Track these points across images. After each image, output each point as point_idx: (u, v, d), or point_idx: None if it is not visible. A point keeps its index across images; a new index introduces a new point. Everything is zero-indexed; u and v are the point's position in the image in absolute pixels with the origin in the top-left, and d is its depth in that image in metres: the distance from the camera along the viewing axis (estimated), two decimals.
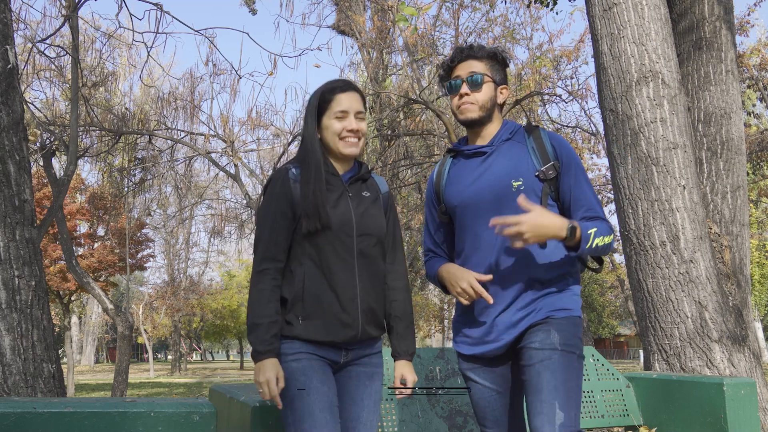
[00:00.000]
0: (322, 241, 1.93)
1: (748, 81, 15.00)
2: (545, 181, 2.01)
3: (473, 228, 2.05)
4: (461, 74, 2.08)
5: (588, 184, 2.05)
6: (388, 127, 11.42)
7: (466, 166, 2.12)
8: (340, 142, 1.99)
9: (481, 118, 2.07)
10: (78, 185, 18.27)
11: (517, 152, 2.05)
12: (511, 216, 1.85)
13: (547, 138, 2.07)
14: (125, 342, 8.88)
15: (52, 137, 8.35)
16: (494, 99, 2.10)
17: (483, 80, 2.06)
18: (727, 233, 4.59)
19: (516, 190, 1.98)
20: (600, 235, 1.93)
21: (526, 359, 1.93)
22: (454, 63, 2.11)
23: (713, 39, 4.86)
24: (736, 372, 3.80)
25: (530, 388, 1.89)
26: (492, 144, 2.08)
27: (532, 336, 1.95)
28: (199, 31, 6.74)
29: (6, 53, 3.75)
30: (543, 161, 2.02)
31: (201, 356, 64.88)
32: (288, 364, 1.91)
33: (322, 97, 2.02)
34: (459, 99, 2.08)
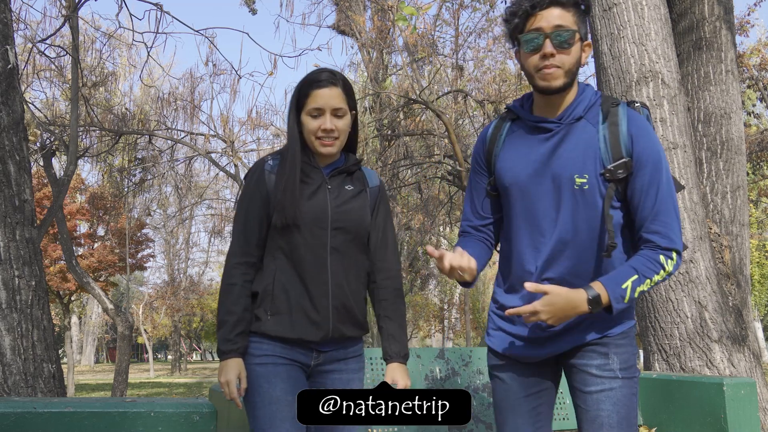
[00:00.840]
0: (295, 234, 1.86)
1: (748, 81, 14.99)
2: (612, 182, 1.66)
3: (526, 218, 1.74)
4: (544, 26, 1.63)
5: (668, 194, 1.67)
6: (388, 127, 11.42)
7: (527, 140, 1.75)
8: (316, 141, 1.90)
9: (564, 86, 1.67)
10: (78, 185, 18.27)
11: (588, 139, 1.68)
12: (525, 306, 1.62)
13: (626, 124, 1.67)
14: (125, 342, 8.88)
15: (52, 137, 8.35)
16: (580, 60, 1.70)
17: (573, 38, 1.65)
18: (727, 233, 4.59)
19: (579, 188, 1.66)
20: (644, 280, 1.61)
21: (582, 384, 1.72)
22: (534, 10, 1.65)
23: (713, 39, 4.86)
24: (736, 372, 3.80)
25: (588, 419, 1.71)
26: (561, 120, 1.71)
27: (587, 357, 1.72)
28: (199, 31, 6.74)
29: (6, 53, 3.75)
30: (614, 156, 1.65)
31: (201, 356, 64.86)
32: (253, 368, 1.84)
33: (301, 92, 1.92)
34: (541, 60, 1.65)
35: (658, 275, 1.63)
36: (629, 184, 1.68)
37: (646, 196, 1.65)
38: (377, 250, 2.00)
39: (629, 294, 1.61)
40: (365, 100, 11.40)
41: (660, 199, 1.65)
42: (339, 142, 1.92)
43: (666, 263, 1.64)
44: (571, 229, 1.68)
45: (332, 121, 1.88)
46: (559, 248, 1.70)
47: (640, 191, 1.66)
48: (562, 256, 1.70)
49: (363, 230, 1.96)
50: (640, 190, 1.66)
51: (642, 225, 1.67)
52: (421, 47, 11.82)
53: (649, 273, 1.63)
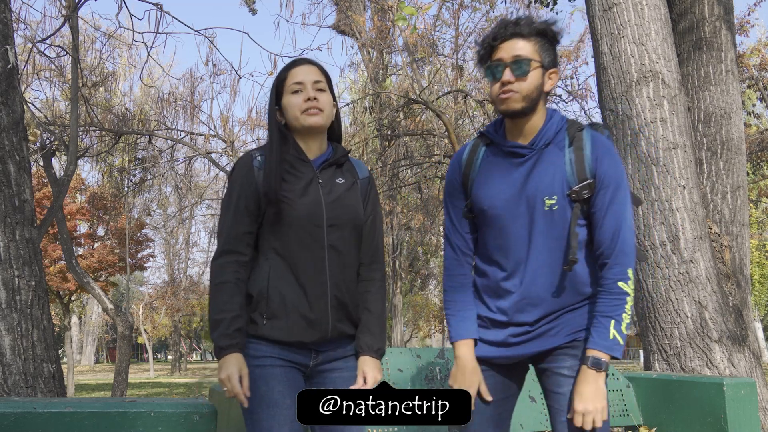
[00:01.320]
0: (289, 232, 1.80)
1: (748, 81, 14.99)
2: (578, 202, 1.79)
3: (501, 238, 1.86)
4: (504, 57, 1.77)
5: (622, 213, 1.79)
6: (388, 127, 11.42)
7: (501, 165, 1.86)
8: (302, 116, 1.84)
9: (523, 110, 1.78)
10: (78, 185, 18.28)
11: (555, 162, 1.81)
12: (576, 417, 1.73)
13: (590, 147, 1.80)
14: (125, 342, 8.88)
15: (52, 137, 8.35)
16: (541, 87, 1.80)
17: (529, 67, 1.77)
18: (727, 233, 4.59)
19: (549, 210, 1.79)
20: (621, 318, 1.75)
21: (556, 386, 1.82)
22: (496, 41, 1.79)
23: (713, 39, 4.87)
24: (736, 372, 3.81)
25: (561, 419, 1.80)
26: (533, 145, 1.82)
27: (559, 360, 1.83)
28: (199, 31, 6.74)
29: (6, 53, 3.75)
30: (579, 178, 1.78)
31: (201, 356, 64.88)
32: (251, 370, 1.78)
33: (279, 78, 1.90)
34: (500, 87, 1.78)
35: (627, 304, 1.77)
36: (592, 202, 1.80)
37: (606, 216, 1.79)
38: (366, 241, 1.94)
39: (620, 337, 1.75)
40: (365, 100, 11.40)
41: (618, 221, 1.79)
42: (325, 114, 1.86)
43: (627, 287, 1.77)
44: (544, 250, 1.81)
45: (314, 92, 1.85)
46: (534, 268, 1.82)
47: (601, 209, 1.79)
48: (538, 275, 1.83)
49: (358, 225, 1.90)
50: (601, 209, 1.79)
51: (601, 245, 1.80)
52: (421, 47, 11.82)
53: (619, 310, 1.76)
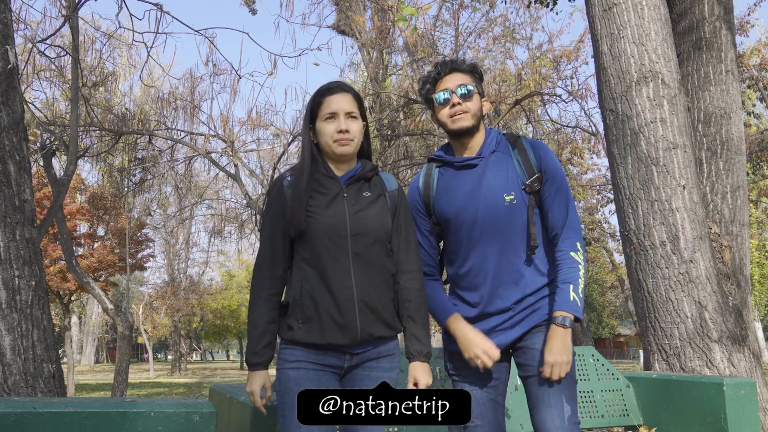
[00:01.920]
0: (316, 243, 1.95)
1: (748, 81, 14.98)
2: (531, 194, 2.11)
3: (469, 241, 2.13)
4: (450, 86, 2.14)
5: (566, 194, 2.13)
6: (388, 127, 11.42)
7: (457, 177, 2.17)
8: (333, 144, 2.00)
9: (472, 127, 2.13)
10: (78, 185, 18.27)
11: (505, 165, 2.14)
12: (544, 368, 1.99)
13: (530, 148, 2.15)
14: (125, 342, 8.88)
15: (52, 137, 8.35)
16: (481, 110, 2.17)
17: (472, 91, 2.14)
18: (727, 233, 4.59)
19: (509, 204, 2.08)
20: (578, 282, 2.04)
21: (530, 359, 2.07)
22: (440, 76, 2.16)
23: (713, 39, 4.87)
24: (736, 372, 3.81)
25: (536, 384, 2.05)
26: (481, 155, 2.15)
27: (533, 338, 2.08)
28: (199, 31, 6.74)
29: (6, 53, 3.75)
30: (528, 174, 2.11)
31: (201, 356, 64.86)
32: (286, 372, 1.95)
33: (314, 102, 2.04)
34: (451, 108, 2.13)
35: (580, 271, 2.06)
36: (542, 193, 2.13)
37: (555, 200, 2.12)
38: (400, 252, 2.07)
39: (578, 299, 2.03)
40: (365, 100, 11.39)
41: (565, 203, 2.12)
42: (354, 143, 2.02)
43: (578, 257, 2.08)
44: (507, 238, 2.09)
45: (346, 123, 2.00)
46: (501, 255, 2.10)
47: (551, 196, 2.12)
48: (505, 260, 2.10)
49: (383, 234, 2.03)
50: (550, 195, 2.12)
51: (554, 225, 2.12)
52: (421, 47, 11.82)
53: (575, 275, 2.05)
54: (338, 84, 2.05)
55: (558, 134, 14.51)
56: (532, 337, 2.09)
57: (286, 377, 1.94)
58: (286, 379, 1.94)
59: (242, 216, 16.08)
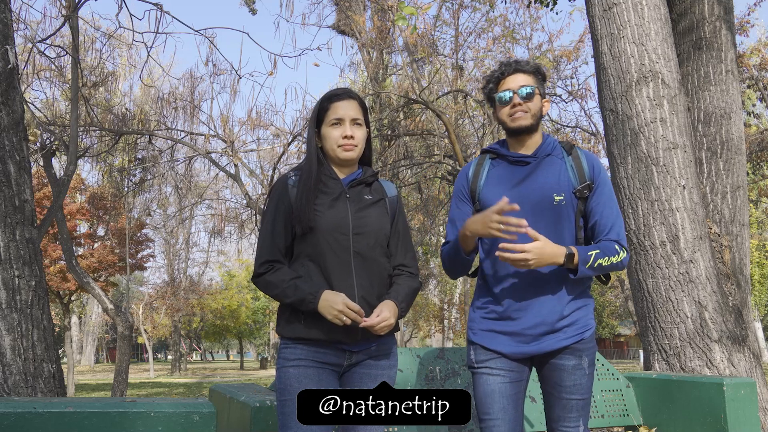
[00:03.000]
0: (319, 240, 2.00)
1: (748, 81, 14.97)
2: (580, 199, 2.16)
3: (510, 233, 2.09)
4: (512, 86, 2.18)
5: (615, 206, 2.19)
6: (388, 127, 11.41)
7: (509, 171, 2.21)
8: (338, 149, 2.06)
9: (531, 126, 2.17)
10: (78, 185, 18.27)
11: (559, 167, 2.18)
12: (518, 245, 1.98)
13: (585, 158, 2.21)
14: (125, 342, 8.88)
15: (52, 137, 8.35)
16: (541, 110, 2.22)
17: (534, 92, 2.18)
18: (727, 233, 4.59)
19: (557, 204, 2.12)
20: (604, 256, 2.08)
21: (558, 379, 2.13)
22: (504, 76, 2.21)
23: (713, 39, 4.86)
24: (736, 372, 3.80)
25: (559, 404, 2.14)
26: (536, 155, 2.19)
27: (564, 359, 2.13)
28: (199, 31, 6.73)
29: (6, 53, 3.75)
30: (580, 180, 2.17)
31: (201, 356, 64.86)
32: (286, 370, 1.97)
33: (321, 107, 2.10)
34: (512, 108, 2.17)
35: (614, 258, 2.10)
36: (589, 203, 2.18)
37: (606, 208, 2.17)
38: (397, 254, 2.14)
39: (592, 260, 2.06)
40: (365, 100, 11.39)
41: (615, 213, 2.19)
42: (358, 149, 2.08)
43: (620, 253, 2.13)
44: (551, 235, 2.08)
45: (352, 129, 2.06)
46: None
47: (601, 205, 2.17)
48: None
49: (383, 236, 2.09)
50: (601, 204, 2.17)
51: (603, 231, 2.16)
52: (421, 47, 11.82)
53: (608, 253, 2.09)
54: (345, 91, 2.11)
55: (558, 134, 14.51)
56: (563, 358, 2.12)
57: (287, 375, 1.96)
58: (286, 377, 1.96)
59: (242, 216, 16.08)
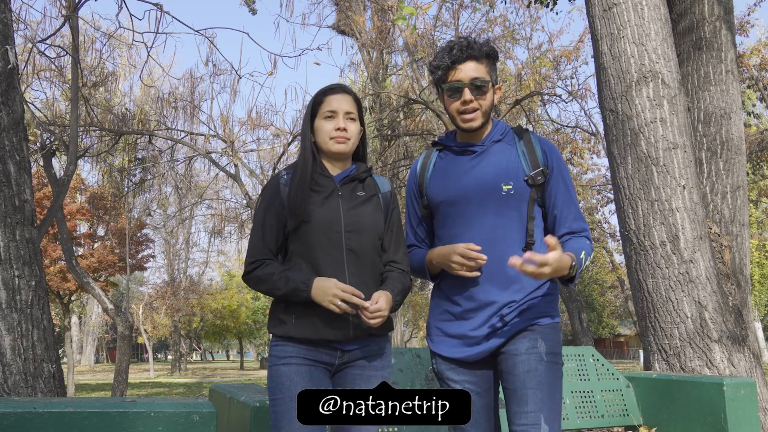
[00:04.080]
0: (311, 238, 1.98)
1: (748, 81, 14.98)
2: (533, 187, 2.00)
3: (455, 227, 2.04)
4: (462, 78, 1.99)
5: (573, 192, 2.06)
6: (388, 127, 11.41)
7: (454, 162, 2.08)
8: (330, 141, 2.04)
9: (482, 125, 2.04)
10: (78, 185, 18.27)
11: (507, 154, 2.03)
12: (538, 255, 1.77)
13: (538, 142, 2.05)
14: (125, 342, 8.88)
15: (52, 137, 8.35)
16: (493, 102, 2.06)
17: (487, 86, 2.01)
18: (727, 233, 4.59)
19: (506, 194, 1.98)
20: (588, 255, 1.97)
21: (510, 367, 1.94)
22: (454, 65, 2.01)
23: (713, 39, 4.86)
24: (736, 372, 3.80)
25: (514, 398, 1.91)
26: (483, 143, 2.06)
27: (516, 343, 1.95)
28: (199, 31, 6.73)
29: (6, 53, 3.75)
30: (532, 166, 2.01)
31: (201, 356, 64.86)
32: (278, 368, 1.95)
33: (315, 100, 2.09)
34: (462, 105, 2.01)
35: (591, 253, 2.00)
36: (548, 190, 2.03)
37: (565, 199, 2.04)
38: (390, 250, 2.10)
39: (584, 263, 1.95)
40: (365, 100, 11.39)
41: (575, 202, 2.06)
42: (351, 142, 2.06)
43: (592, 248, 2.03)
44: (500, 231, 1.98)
45: (345, 122, 2.04)
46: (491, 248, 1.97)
47: (558, 193, 2.03)
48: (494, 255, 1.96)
49: (376, 232, 2.06)
50: (557, 192, 2.03)
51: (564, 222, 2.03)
52: (421, 47, 11.82)
53: (588, 250, 1.98)
54: (339, 85, 2.11)
55: (558, 134, 14.51)
56: (516, 343, 1.95)
57: (278, 373, 1.95)
58: (278, 375, 1.95)
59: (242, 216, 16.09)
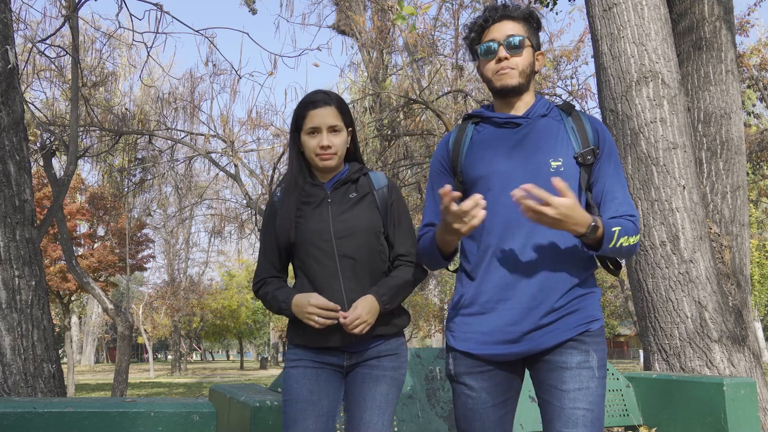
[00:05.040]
0: (304, 251, 2.03)
1: (748, 81, 14.98)
2: (583, 166, 1.80)
3: (496, 207, 1.77)
4: (497, 36, 1.83)
5: (623, 176, 1.86)
6: (388, 127, 11.41)
7: (496, 135, 1.85)
8: (316, 158, 2.04)
9: (520, 86, 1.83)
10: (78, 185, 18.27)
11: (555, 130, 1.83)
12: (545, 192, 1.58)
13: (588, 120, 1.87)
14: (125, 342, 8.88)
15: (52, 137, 8.35)
16: (533, 65, 1.86)
17: (523, 43, 1.83)
18: (727, 233, 4.59)
19: (555, 171, 1.76)
20: (625, 235, 1.71)
21: (556, 381, 1.71)
22: (488, 24, 1.85)
23: (713, 39, 4.86)
24: (736, 372, 3.80)
25: (562, 416, 1.68)
26: (528, 116, 1.84)
27: (566, 354, 1.72)
28: (199, 31, 6.73)
29: (6, 53, 3.75)
30: (583, 144, 1.81)
31: (201, 356, 64.85)
32: (287, 371, 2.03)
33: (297, 114, 2.06)
34: (497, 63, 1.83)
35: (633, 238, 1.74)
36: (596, 171, 1.83)
37: (614, 181, 1.83)
38: (396, 244, 2.09)
39: (615, 238, 1.69)
40: (365, 100, 11.40)
41: (624, 185, 1.85)
42: (337, 156, 2.05)
43: (638, 233, 1.77)
44: None
45: (328, 138, 2.02)
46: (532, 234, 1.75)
47: (606, 176, 1.83)
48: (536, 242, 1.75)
49: (372, 233, 2.04)
50: (606, 174, 1.83)
51: (610, 205, 1.80)
52: (421, 47, 11.82)
53: (629, 232, 1.73)
54: (321, 97, 2.03)
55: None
56: (565, 354, 1.71)
57: (287, 376, 2.02)
58: (287, 378, 2.01)
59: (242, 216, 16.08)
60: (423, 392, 3.08)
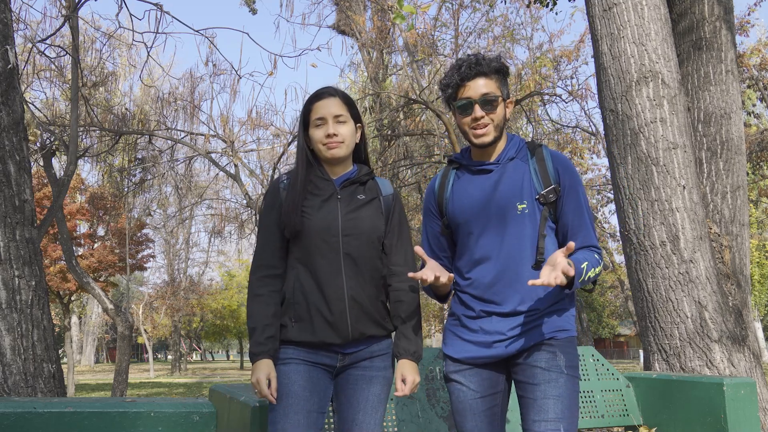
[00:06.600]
0: (308, 243, 2.01)
1: (748, 81, 14.98)
2: (545, 205, 2.03)
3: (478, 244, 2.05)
4: (472, 95, 2.01)
5: (587, 211, 2.07)
6: (388, 127, 11.41)
7: (472, 182, 2.10)
8: (323, 147, 2.06)
9: (494, 140, 2.05)
10: (78, 185, 18.27)
11: (521, 173, 2.05)
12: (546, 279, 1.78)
13: (550, 159, 2.06)
14: (125, 342, 8.88)
15: (52, 137, 8.35)
16: (505, 117, 2.07)
17: (497, 101, 2.03)
18: (727, 233, 4.59)
19: (521, 213, 2.01)
20: (591, 268, 1.96)
21: (530, 377, 1.96)
22: (463, 82, 2.03)
23: (713, 39, 4.86)
24: (736, 372, 3.81)
25: (534, 407, 1.93)
26: (498, 161, 2.08)
27: (536, 355, 1.98)
28: (199, 31, 6.73)
29: (6, 53, 3.75)
30: (544, 184, 2.03)
31: (201, 356, 64.88)
32: (278, 368, 2.00)
33: (305, 109, 2.10)
34: (473, 121, 2.03)
35: (598, 268, 2.00)
36: (560, 208, 2.05)
37: (578, 217, 2.04)
38: (392, 254, 2.11)
39: (584, 273, 1.92)
40: (365, 100, 11.40)
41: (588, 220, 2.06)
42: (345, 145, 2.06)
43: (601, 261, 2.03)
44: (515, 248, 2.01)
45: (334, 126, 2.04)
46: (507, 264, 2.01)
47: (569, 211, 2.04)
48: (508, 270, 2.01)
49: (375, 236, 2.07)
50: (569, 210, 2.04)
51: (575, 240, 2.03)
52: (421, 47, 11.82)
53: (594, 263, 1.98)
54: (326, 89, 2.10)
55: (558, 134, 14.51)
56: (534, 355, 1.98)
57: (279, 372, 1.99)
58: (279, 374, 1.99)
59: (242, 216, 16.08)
60: (423, 392, 3.08)
